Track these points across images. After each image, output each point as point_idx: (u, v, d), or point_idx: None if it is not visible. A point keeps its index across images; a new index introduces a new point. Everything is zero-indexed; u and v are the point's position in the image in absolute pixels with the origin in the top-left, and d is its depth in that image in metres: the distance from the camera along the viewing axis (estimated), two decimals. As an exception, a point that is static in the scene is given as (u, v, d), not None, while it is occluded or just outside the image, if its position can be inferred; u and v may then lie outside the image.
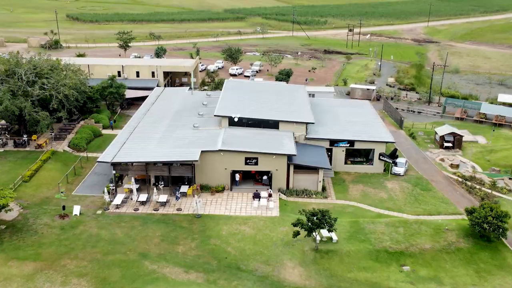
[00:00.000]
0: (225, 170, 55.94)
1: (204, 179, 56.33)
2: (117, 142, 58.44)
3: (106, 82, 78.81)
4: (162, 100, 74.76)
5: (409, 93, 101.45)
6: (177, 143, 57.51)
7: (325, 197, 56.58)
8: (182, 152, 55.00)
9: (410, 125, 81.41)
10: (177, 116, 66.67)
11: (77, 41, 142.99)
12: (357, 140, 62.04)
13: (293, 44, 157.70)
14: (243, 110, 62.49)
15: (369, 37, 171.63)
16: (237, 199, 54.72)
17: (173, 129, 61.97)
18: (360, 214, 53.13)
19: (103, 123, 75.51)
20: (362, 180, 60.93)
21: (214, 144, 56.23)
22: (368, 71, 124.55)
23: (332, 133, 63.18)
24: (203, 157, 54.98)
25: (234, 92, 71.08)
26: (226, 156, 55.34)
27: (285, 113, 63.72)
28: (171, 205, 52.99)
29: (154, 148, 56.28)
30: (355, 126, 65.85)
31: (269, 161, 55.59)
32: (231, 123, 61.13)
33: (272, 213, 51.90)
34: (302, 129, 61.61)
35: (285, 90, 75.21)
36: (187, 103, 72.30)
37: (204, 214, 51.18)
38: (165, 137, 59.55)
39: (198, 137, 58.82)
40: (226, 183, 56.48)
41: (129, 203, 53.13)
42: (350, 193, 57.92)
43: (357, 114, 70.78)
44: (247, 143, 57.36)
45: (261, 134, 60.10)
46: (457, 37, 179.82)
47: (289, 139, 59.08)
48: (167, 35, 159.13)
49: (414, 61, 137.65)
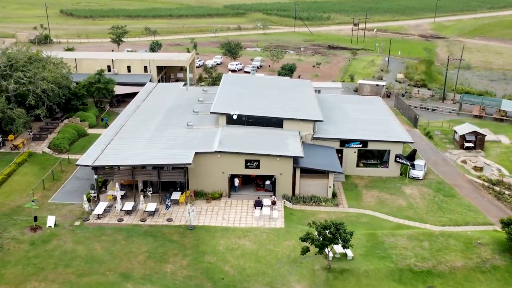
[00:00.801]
0: (223, 174, 49.24)
1: (198, 184, 49.64)
2: (100, 142, 51.75)
3: (93, 77, 72.11)
4: (154, 96, 68.07)
5: (420, 90, 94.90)
6: (168, 143, 50.82)
7: (336, 204, 49.86)
8: (174, 154, 48.31)
9: (425, 124, 74.67)
10: (169, 113, 59.99)
11: (69, 37, 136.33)
12: (371, 140, 55.28)
13: (295, 39, 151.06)
14: (243, 107, 55.80)
15: (375, 32, 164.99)
16: (236, 208, 48.01)
17: (165, 128, 55.29)
18: (377, 225, 46.40)
19: (90, 121, 68.86)
20: (377, 185, 54.22)
21: (210, 145, 49.55)
22: (375, 67, 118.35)
23: (343, 132, 56.44)
24: (198, 159, 48.32)
25: (233, 87, 64.39)
26: (224, 159, 48.67)
27: (290, 110, 57.00)
28: (161, 215, 46.28)
29: (142, 150, 49.58)
30: (368, 125, 59.09)
31: (272, 164, 48.88)
32: (229, 122, 54.44)
33: (276, 224, 45.18)
34: (309, 127, 54.86)
35: (289, 85, 68.45)
36: (181, 99, 65.63)
37: (198, 226, 44.48)
38: (155, 137, 52.85)
39: (192, 137, 52.14)
40: (223, 189, 49.78)
41: (112, 213, 46.42)
42: (364, 200, 51.18)
43: (369, 111, 64.02)
44: (248, 143, 50.68)
45: (263, 133, 53.41)
46: (466, 33, 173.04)
47: (294, 139, 52.37)
48: (163, 30, 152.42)
49: (422, 56, 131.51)
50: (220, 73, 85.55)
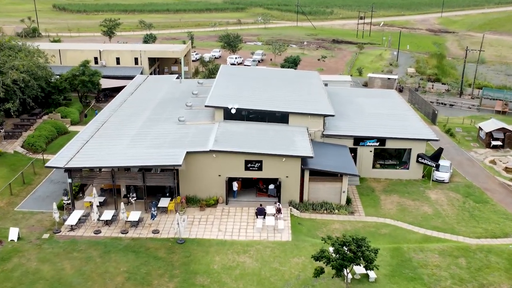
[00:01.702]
0: (219, 178, 42.18)
1: (191, 189, 42.60)
2: (77, 141, 44.72)
3: (76, 69, 65.03)
4: (143, 89, 60.97)
5: (434, 84, 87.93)
6: (155, 142, 43.76)
7: (351, 212, 42.77)
8: (161, 153, 41.25)
9: (444, 120, 67.56)
10: (159, 108, 52.94)
11: (60, 30, 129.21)
12: (390, 137, 48.17)
13: (297, 34, 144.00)
14: (243, 100, 48.77)
15: (382, 25, 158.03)
16: (234, 217, 40.92)
17: (153, 124, 48.24)
18: (401, 237, 39.29)
19: (72, 118, 61.77)
20: (397, 189, 47.15)
21: (204, 143, 42.49)
22: (383, 61, 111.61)
23: (357, 129, 49.33)
24: (190, 160, 41.29)
25: (231, 78, 57.32)
26: (220, 159, 41.61)
27: (297, 103, 49.93)
28: (145, 226, 39.20)
29: (125, 149, 42.51)
30: (385, 120, 51.97)
31: (277, 165, 41.83)
32: (227, 117, 47.42)
33: (282, 237, 38.09)
34: (319, 123, 47.78)
35: (294, 77, 61.34)
36: (173, 93, 58.55)
37: (189, 239, 37.43)
38: (141, 134, 45.79)
39: (183, 134, 45.08)
40: (220, 194, 42.73)
41: (88, 223, 39.35)
42: (383, 206, 44.07)
43: (385, 106, 56.89)
44: (248, 141, 43.64)
45: (266, 130, 46.36)
46: (475, 27, 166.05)
47: (302, 136, 45.31)
48: (159, 24, 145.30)
49: (432, 51, 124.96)
50: (217, 64, 78.37)
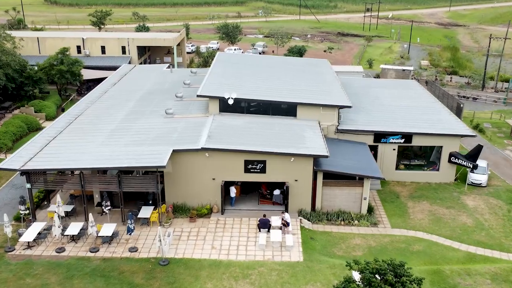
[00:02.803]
0: (213, 182, 34.59)
1: (178, 196, 35.00)
2: (42, 138, 37.11)
3: (54, 57, 57.44)
4: (128, 79, 53.37)
5: (453, 77, 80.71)
6: (136, 138, 36.15)
7: (374, 223, 35.14)
8: (142, 152, 33.62)
9: (470, 115, 59.91)
10: (144, 100, 45.34)
11: (48, 23, 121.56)
12: (418, 133, 40.49)
13: (300, 27, 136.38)
14: (243, 89, 41.18)
15: (391, 17, 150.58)
16: (231, 230, 33.29)
17: (135, 117, 40.62)
18: (439, 256, 31.63)
19: (48, 112, 54.18)
20: (426, 195, 39.52)
21: (195, 140, 34.88)
22: (393, 54, 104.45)
23: (378, 123, 41.68)
24: (178, 160, 33.72)
25: (229, 66, 49.74)
26: (215, 159, 34.01)
27: (306, 93, 42.27)
28: (121, 242, 31.60)
29: (99, 147, 34.89)
30: (409, 113, 44.30)
31: (283, 167, 34.22)
32: (223, 109, 39.83)
33: (291, 256, 30.46)
34: (333, 116, 40.13)
35: (302, 65, 53.70)
36: (162, 83, 50.96)
37: (174, 259, 29.85)
38: (120, 129, 38.18)
39: (171, 128, 37.48)
40: (214, 202, 35.12)
41: (50, 239, 31.74)
42: (413, 216, 36.42)
43: (407, 97, 49.19)
44: (249, 137, 36.04)
45: (270, 124, 38.74)
46: (487, 20, 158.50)
47: (313, 131, 37.69)
48: (155, 17, 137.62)
49: (444, 44, 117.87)
50: (213, 51, 70.66)
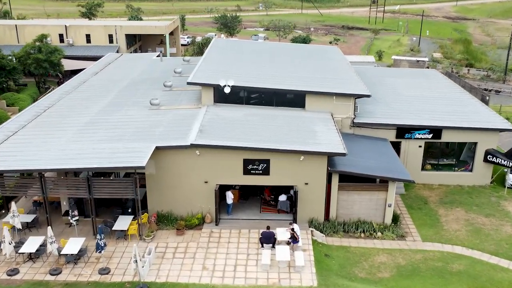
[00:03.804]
0: (206, 186, 28.40)
1: (163, 202, 28.81)
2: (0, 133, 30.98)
3: (31, 45, 51.33)
4: (113, 68, 47.19)
5: (470, 69, 74.95)
6: (113, 133, 29.99)
7: (401, 236, 28.95)
8: (118, 150, 27.44)
9: (496, 108, 53.64)
10: (128, 90, 39.17)
11: (37, 16, 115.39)
12: (449, 127, 34.27)
13: (303, 20, 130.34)
14: (242, 76, 35.01)
15: (399, 8, 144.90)
16: (228, 246, 27.06)
17: (115, 109, 34.46)
18: (486, 277, 25.44)
19: (22, 106, 47.95)
20: (459, 200, 33.35)
21: (184, 135, 28.70)
22: (402, 46, 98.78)
23: (401, 116, 35.47)
24: (162, 159, 27.56)
25: (227, 52, 43.62)
26: (207, 158, 27.83)
27: (316, 81, 36.08)
28: (90, 262, 25.39)
29: (66, 144, 28.72)
30: (435, 105, 38.04)
31: (291, 167, 28.05)
32: (218, 99, 33.68)
33: (302, 279, 24.24)
34: (348, 107, 33.93)
35: (310, 51, 47.57)
36: (151, 72, 44.76)
37: (155, 283, 23.67)
38: (94, 123, 32.01)
39: (156, 122, 31.32)
40: (207, 210, 28.94)
41: (2, 258, 25.54)
42: (446, 226, 30.23)
43: (429, 88, 42.90)
44: (249, 132, 29.86)
45: (274, 117, 32.56)
46: (496, 14, 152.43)
47: (326, 124, 31.52)
48: (150, 11, 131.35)
49: (454, 37, 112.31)
50: (209, 37, 64.47)
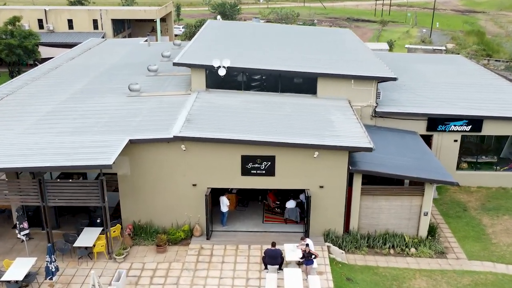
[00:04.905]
0: (194, 189, 22.39)
1: (141, 211, 22.80)
2: None
3: (2, 29, 45.36)
4: (93, 53, 41.18)
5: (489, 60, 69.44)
6: (80, 124, 24.02)
7: (441, 252, 22.95)
8: (82, 144, 21.46)
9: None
10: (106, 75, 33.19)
11: (23, 4, 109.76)
12: (491, 116, 28.24)
13: (305, 12, 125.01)
14: (240, 57, 29.05)
15: (407, 0, 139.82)
16: (221, 266, 21.00)
17: (86, 96, 28.50)
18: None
19: (-12, 97, 41.95)
20: (505, 206, 27.40)
21: (167, 125, 22.68)
22: (412, 38, 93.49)
23: (432, 104, 29.45)
24: (139, 156, 21.61)
25: (222, 33, 37.68)
26: (196, 154, 21.83)
27: (329, 62, 30.11)
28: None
29: (18, 137, 22.73)
30: (470, 93, 32.07)
31: (302, 166, 22.04)
32: (212, 83, 27.71)
33: (319, 314, 18.28)
34: (368, 93, 27.88)
35: (320, 33, 41.71)
36: (135, 57, 38.78)
37: (123, 322, 17.70)
38: (58, 112, 26.04)
39: (134, 110, 25.34)
40: (195, 220, 22.91)
41: None
42: (495, 240, 24.24)
43: (459, 74, 36.86)
44: (248, 122, 23.86)
45: (280, 104, 26.55)
46: (507, 7, 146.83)
47: (343, 113, 25.51)
48: (146, 3, 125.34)
49: (466, 29, 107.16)
50: (203, 19, 58.60)
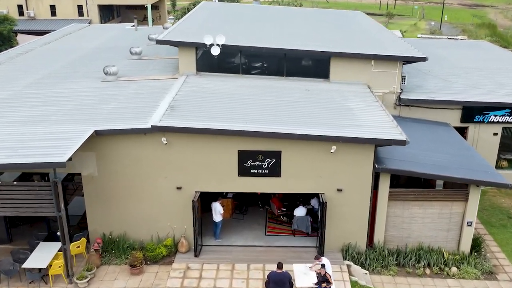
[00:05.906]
0: (178, 193, 17.66)
1: (112, 221, 18.08)
2: None
3: (-27, 13, 40.81)
4: (72, 38, 36.52)
5: (506, 51, 65.29)
6: (39, 112, 19.38)
7: (489, 272, 18.23)
8: (35, 137, 16.78)
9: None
10: (82, 59, 28.52)
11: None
12: (541, 104, 23.62)
13: (307, 5, 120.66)
14: (238, 35, 24.38)
15: None
16: (212, 294, 16.37)
17: (55, 81, 23.87)
18: None
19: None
20: (557, 213, 22.74)
21: (145, 114, 17.96)
22: (420, 31, 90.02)
23: (466, 91, 24.74)
24: (109, 152, 16.92)
25: (218, 12, 33.04)
26: (180, 149, 17.13)
27: (344, 41, 25.44)
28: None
29: (-43, 127, 18.07)
30: (506, 79, 27.35)
31: (314, 163, 17.32)
32: (203, 66, 23.02)
33: None
34: (392, 77, 23.14)
35: (330, 15, 37.21)
36: (119, 41, 34.13)
37: None
38: (15, 98, 21.39)
39: (108, 97, 20.67)
40: (180, 231, 18.18)
41: None
42: (554, 256, 19.55)
43: (489, 60, 32.10)
44: (246, 111, 19.15)
45: (286, 90, 21.86)
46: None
47: (364, 100, 20.81)
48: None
49: (475, 22, 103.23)
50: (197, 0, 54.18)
